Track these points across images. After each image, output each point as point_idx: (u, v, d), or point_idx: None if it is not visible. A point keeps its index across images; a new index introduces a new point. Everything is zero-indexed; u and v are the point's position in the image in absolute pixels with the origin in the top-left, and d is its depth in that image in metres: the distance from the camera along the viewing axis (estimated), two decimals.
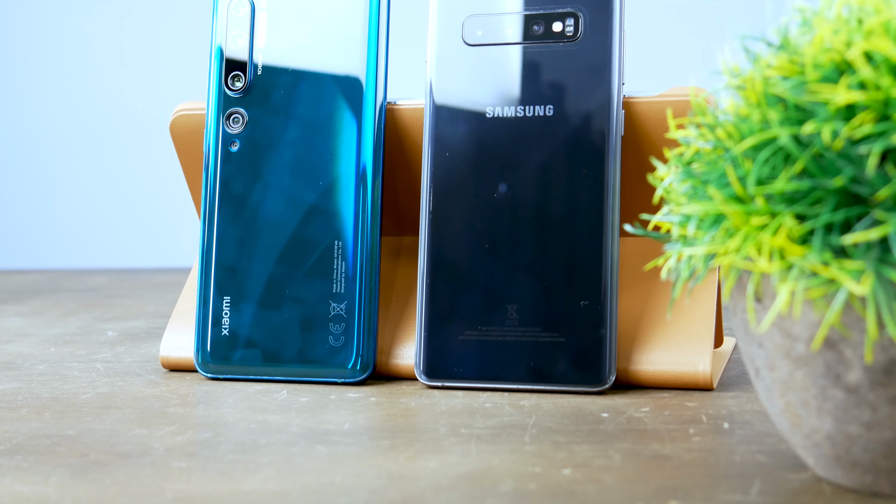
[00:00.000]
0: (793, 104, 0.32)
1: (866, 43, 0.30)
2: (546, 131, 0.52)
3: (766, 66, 0.33)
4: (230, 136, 0.56)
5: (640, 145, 0.53)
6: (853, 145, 0.30)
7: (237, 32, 0.57)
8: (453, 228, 0.53)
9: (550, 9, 0.53)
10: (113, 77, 1.52)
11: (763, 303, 0.33)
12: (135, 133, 1.51)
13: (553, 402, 0.49)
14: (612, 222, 0.51)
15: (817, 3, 0.34)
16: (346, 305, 0.54)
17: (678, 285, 0.34)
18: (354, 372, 0.54)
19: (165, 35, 1.50)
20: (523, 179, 0.52)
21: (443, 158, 0.53)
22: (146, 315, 0.86)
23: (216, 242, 0.56)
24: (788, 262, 0.30)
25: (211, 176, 0.56)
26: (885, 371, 0.31)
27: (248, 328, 0.55)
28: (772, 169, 0.31)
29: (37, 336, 0.74)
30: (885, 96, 0.30)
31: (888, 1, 0.32)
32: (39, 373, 0.59)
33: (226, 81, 0.56)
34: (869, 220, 0.29)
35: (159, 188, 1.50)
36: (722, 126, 0.34)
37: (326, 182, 0.55)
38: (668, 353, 0.52)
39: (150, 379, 0.56)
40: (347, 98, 0.55)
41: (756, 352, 0.34)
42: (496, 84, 0.53)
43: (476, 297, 0.52)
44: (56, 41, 1.54)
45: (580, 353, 0.51)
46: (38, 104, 1.54)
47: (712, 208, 0.33)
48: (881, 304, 0.29)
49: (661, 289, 0.54)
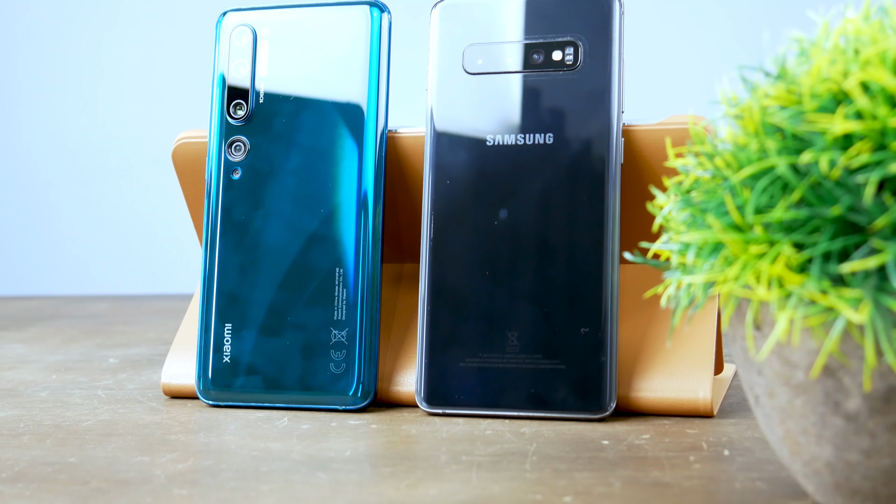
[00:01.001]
0: (790, 133, 0.32)
1: (863, 73, 0.31)
2: (546, 159, 0.52)
3: (764, 96, 0.34)
4: (232, 163, 0.57)
5: (639, 173, 0.53)
6: (850, 174, 0.30)
7: (239, 61, 0.57)
8: (454, 256, 0.53)
9: (550, 38, 0.53)
10: (115, 104, 1.53)
11: (762, 330, 0.33)
12: (137, 160, 1.52)
13: (554, 429, 0.49)
14: (612, 250, 0.51)
15: (814, 34, 0.35)
16: (348, 332, 0.54)
17: (678, 313, 0.34)
18: (355, 399, 0.54)
19: (168, 63, 1.51)
20: (523, 207, 0.53)
21: (443, 186, 0.54)
22: (148, 342, 0.86)
23: (218, 269, 0.56)
24: (787, 291, 0.31)
25: (213, 203, 0.57)
26: (884, 399, 0.31)
27: (249, 355, 0.55)
28: (770, 198, 0.32)
29: (38, 363, 0.74)
30: (882, 126, 0.30)
31: (884, 31, 0.33)
32: (41, 400, 0.59)
33: (228, 109, 0.57)
34: (867, 249, 0.30)
35: (161, 215, 1.50)
36: (720, 155, 0.35)
37: (328, 209, 0.55)
38: (669, 380, 0.52)
39: (152, 406, 0.56)
40: (349, 126, 0.55)
41: (755, 379, 0.35)
42: (496, 112, 0.53)
43: (477, 324, 0.53)
44: (59, 67, 1.54)
45: (581, 381, 0.51)
46: (40, 130, 1.55)
47: (711, 237, 0.33)
48: (879, 332, 0.29)
49: (662, 316, 0.54)
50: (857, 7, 0.35)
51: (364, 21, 0.56)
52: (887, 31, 0.33)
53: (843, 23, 0.34)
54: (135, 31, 1.53)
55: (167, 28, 1.51)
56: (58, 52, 1.54)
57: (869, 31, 0.33)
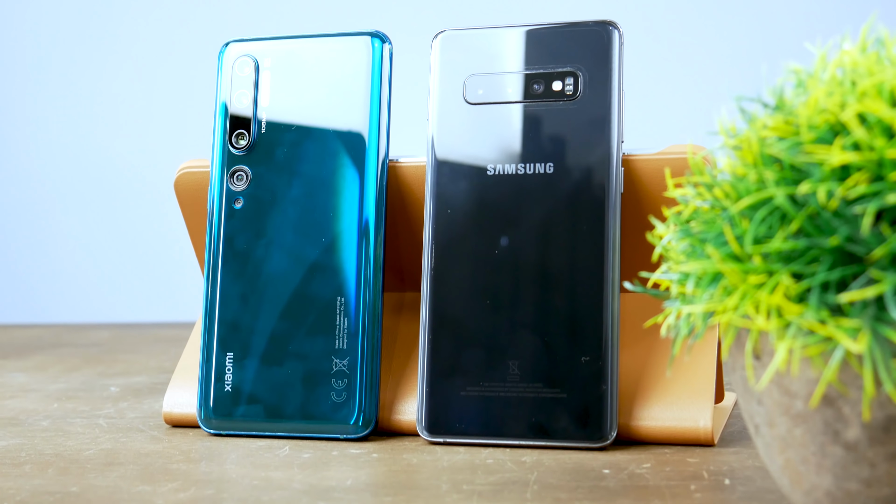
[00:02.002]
0: (788, 164, 0.32)
1: (860, 104, 0.31)
2: (547, 188, 0.53)
3: (762, 127, 0.34)
4: (234, 193, 0.57)
5: (639, 202, 0.54)
6: (848, 205, 0.30)
7: (241, 91, 0.57)
8: (455, 285, 0.53)
9: (550, 68, 0.54)
10: (118, 133, 1.54)
11: (761, 360, 0.33)
12: (139, 189, 1.52)
13: (555, 458, 0.49)
14: (612, 279, 0.51)
15: (812, 65, 0.35)
16: (349, 361, 0.54)
17: (678, 342, 0.35)
18: (357, 428, 0.54)
19: (170, 93, 1.52)
20: (524, 236, 0.53)
21: (444, 215, 0.54)
22: (149, 370, 0.86)
23: (219, 298, 0.56)
24: (786, 320, 0.31)
25: (215, 232, 0.57)
26: (884, 428, 0.31)
27: (250, 384, 0.55)
28: (768, 228, 0.32)
29: (40, 391, 0.74)
30: (879, 157, 0.30)
31: (881, 63, 0.33)
32: (42, 429, 0.59)
33: (230, 139, 0.57)
34: (865, 279, 0.30)
35: (162, 244, 1.50)
36: (719, 185, 0.35)
37: (329, 238, 0.55)
38: (669, 408, 0.52)
39: (153, 435, 0.56)
40: (350, 155, 0.55)
41: (755, 408, 0.35)
42: (497, 142, 0.54)
43: (478, 353, 0.53)
44: (61, 96, 1.55)
45: (581, 409, 0.51)
46: (43, 159, 1.55)
47: (710, 267, 0.33)
48: (878, 361, 0.29)
49: (662, 345, 0.54)
50: (853, 39, 0.35)
51: (365, 52, 0.56)
52: (884, 63, 0.33)
53: (840, 54, 0.34)
54: (137, 60, 1.53)
55: (169, 58, 1.52)
56: (60, 82, 1.55)
57: (866, 62, 0.33)
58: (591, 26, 0.53)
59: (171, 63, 1.52)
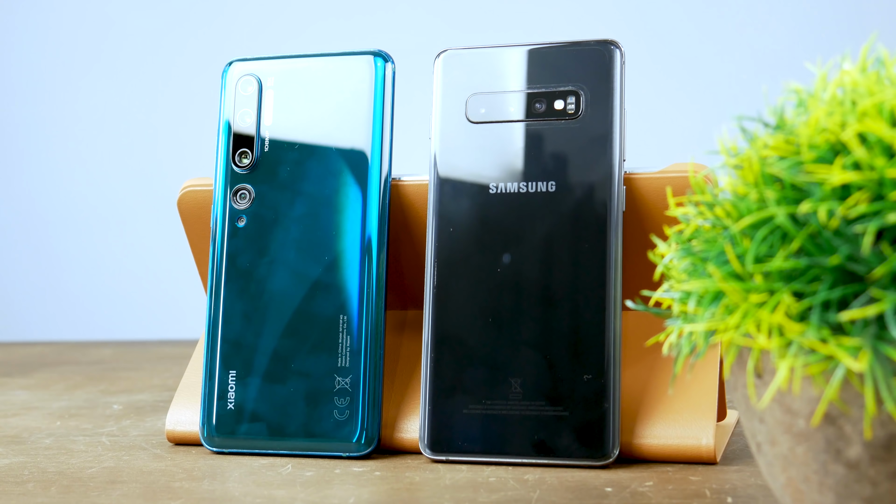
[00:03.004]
0: (789, 184, 0.32)
1: (860, 124, 0.31)
2: (549, 207, 0.53)
3: (763, 146, 0.34)
4: (237, 211, 0.57)
5: (641, 220, 0.54)
6: (849, 224, 0.30)
7: (244, 110, 0.58)
8: (457, 302, 0.54)
9: (552, 87, 0.54)
10: (121, 151, 1.54)
11: (763, 378, 0.33)
12: (142, 207, 1.53)
13: (557, 476, 0.49)
14: (614, 297, 0.51)
15: (812, 85, 0.35)
16: (351, 379, 0.54)
17: (679, 361, 0.35)
18: (359, 446, 0.54)
19: (173, 111, 1.52)
20: (526, 254, 0.53)
21: (447, 233, 0.54)
22: (152, 388, 0.86)
23: (222, 316, 0.56)
24: (787, 339, 0.31)
25: (218, 251, 0.57)
26: (885, 446, 0.31)
27: (253, 402, 0.55)
28: (769, 247, 0.32)
29: (42, 409, 0.74)
30: (879, 176, 0.30)
31: (881, 83, 0.33)
32: (45, 447, 0.59)
33: (233, 158, 0.57)
34: (865, 298, 0.30)
35: (165, 261, 1.51)
36: (720, 204, 0.35)
37: (331, 256, 0.55)
38: (672, 426, 0.52)
39: (156, 453, 0.57)
40: (353, 173, 0.56)
41: (757, 427, 0.35)
42: (499, 160, 0.54)
43: (480, 370, 0.53)
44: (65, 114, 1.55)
45: (584, 427, 0.51)
46: (46, 176, 1.56)
47: (712, 285, 0.33)
48: (879, 380, 0.29)
49: (664, 363, 0.54)
50: (854, 59, 0.35)
51: (368, 71, 0.56)
52: (884, 83, 0.33)
53: (841, 74, 0.34)
54: (141, 79, 1.54)
55: (173, 77, 1.53)
56: (63, 98, 1.56)
57: (866, 82, 0.33)
58: (593, 46, 0.54)
59: (175, 82, 1.52)
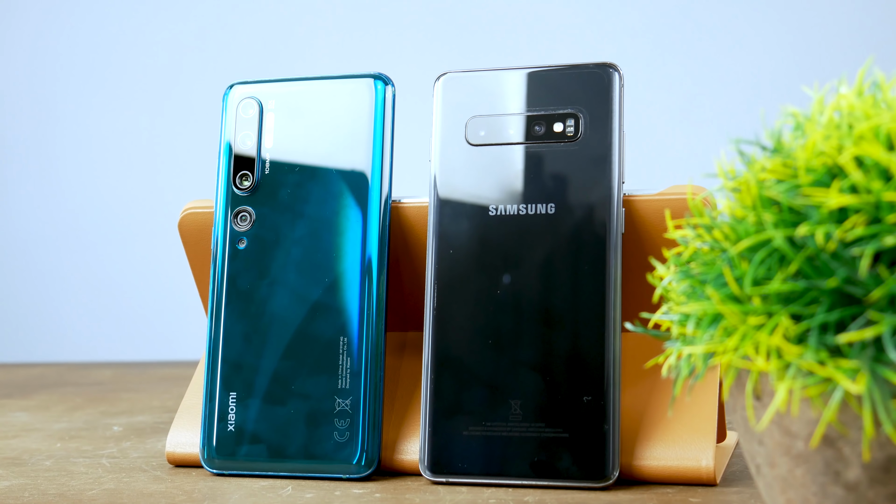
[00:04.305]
0: (787, 207, 0.33)
1: (856, 148, 0.31)
2: (548, 229, 0.53)
3: (761, 169, 0.34)
4: (238, 233, 0.57)
5: (640, 242, 0.54)
6: (846, 247, 0.31)
7: (245, 132, 0.58)
8: (457, 324, 0.54)
9: (551, 110, 0.54)
10: (122, 173, 1.54)
11: (762, 400, 0.33)
12: (143, 229, 1.53)
13: (557, 497, 0.49)
14: (613, 318, 0.51)
15: (809, 108, 0.35)
16: (351, 401, 0.54)
17: (679, 383, 0.35)
18: (359, 468, 0.54)
19: (174, 133, 1.53)
20: (526, 276, 0.53)
21: (447, 255, 0.54)
22: (152, 409, 0.86)
23: (223, 338, 0.57)
24: (785, 361, 0.31)
25: (218, 272, 0.57)
26: (884, 469, 0.31)
27: (253, 423, 0.55)
28: (767, 270, 0.32)
29: (43, 431, 0.74)
30: (876, 199, 0.30)
31: (877, 106, 0.34)
32: (45, 469, 0.59)
33: (234, 180, 0.58)
34: (863, 320, 0.30)
35: (166, 283, 1.51)
36: (718, 227, 0.35)
37: (332, 278, 0.56)
38: (671, 448, 0.52)
39: (156, 475, 0.57)
40: (353, 196, 0.56)
41: (756, 449, 0.35)
42: (499, 183, 0.54)
43: (480, 392, 0.53)
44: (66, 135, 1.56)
45: (583, 449, 0.51)
46: (46, 198, 1.56)
47: (710, 308, 0.33)
48: (877, 402, 0.29)
49: (664, 384, 0.54)
50: (850, 83, 0.35)
51: (368, 94, 0.57)
52: (880, 107, 0.34)
53: (837, 98, 0.35)
54: (141, 100, 1.54)
55: (174, 98, 1.53)
56: (64, 120, 1.56)
57: (862, 106, 0.33)
58: (592, 68, 0.54)
59: (176, 104, 1.53)
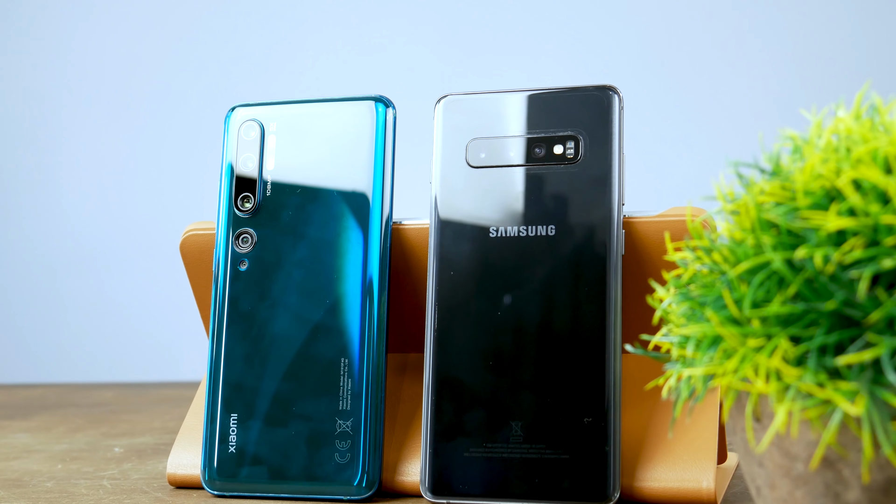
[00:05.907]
0: (785, 229, 0.33)
1: (854, 171, 0.32)
2: (548, 250, 0.53)
3: (760, 192, 0.34)
4: (239, 255, 0.57)
5: (640, 264, 0.54)
6: (844, 270, 0.31)
7: (247, 155, 0.58)
8: (458, 345, 0.54)
9: (551, 132, 0.54)
10: (124, 195, 1.55)
11: (762, 422, 0.34)
12: (145, 250, 1.53)
13: None
14: (614, 340, 0.52)
15: (807, 132, 0.36)
16: (352, 422, 0.55)
17: (679, 404, 0.35)
18: (360, 489, 0.54)
19: (176, 156, 1.53)
20: (526, 297, 0.53)
21: (447, 276, 0.54)
22: (153, 431, 0.86)
23: (224, 359, 0.57)
24: (785, 383, 0.31)
25: (220, 294, 0.57)
26: (883, 490, 0.31)
27: (254, 445, 0.55)
28: (766, 292, 0.32)
29: (44, 452, 0.74)
30: (874, 222, 0.31)
31: (875, 130, 0.34)
32: (46, 490, 0.59)
33: (235, 202, 0.58)
34: (862, 343, 0.30)
35: (167, 304, 1.51)
36: (717, 249, 0.35)
37: (332, 299, 0.56)
38: (672, 469, 0.52)
39: (157, 496, 0.57)
40: (354, 217, 0.56)
41: (756, 470, 0.35)
42: (499, 204, 0.54)
43: (481, 413, 0.53)
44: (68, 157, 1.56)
45: (584, 470, 0.51)
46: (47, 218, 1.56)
47: (710, 330, 0.34)
48: (876, 424, 0.29)
49: (664, 405, 0.55)
50: (848, 106, 0.36)
51: (369, 116, 0.57)
52: (878, 130, 0.34)
53: (835, 121, 0.35)
54: (144, 123, 1.55)
55: (176, 121, 1.54)
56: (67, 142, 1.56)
57: (860, 129, 0.34)
58: (592, 91, 0.54)
59: (178, 127, 1.53)
